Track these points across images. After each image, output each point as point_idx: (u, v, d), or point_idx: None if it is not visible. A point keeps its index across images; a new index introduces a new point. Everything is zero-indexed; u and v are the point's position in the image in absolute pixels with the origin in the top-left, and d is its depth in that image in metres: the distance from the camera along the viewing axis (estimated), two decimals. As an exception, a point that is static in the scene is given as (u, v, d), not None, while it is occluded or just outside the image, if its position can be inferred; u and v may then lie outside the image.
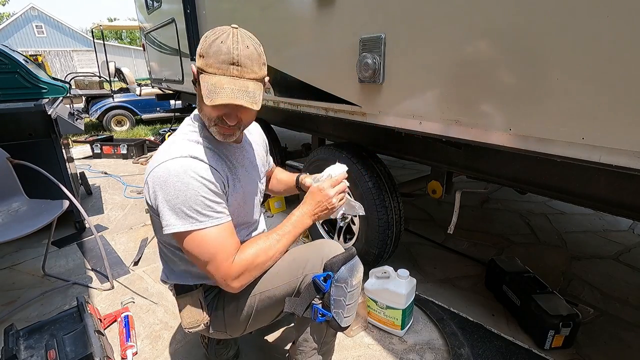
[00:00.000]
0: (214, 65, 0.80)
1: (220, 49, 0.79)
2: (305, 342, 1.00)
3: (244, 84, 0.81)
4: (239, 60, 0.80)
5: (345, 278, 0.92)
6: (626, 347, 1.40)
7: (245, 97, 0.80)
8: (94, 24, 9.33)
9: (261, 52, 0.85)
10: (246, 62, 0.81)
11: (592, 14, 0.74)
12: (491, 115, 0.98)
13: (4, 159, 1.82)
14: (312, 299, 0.93)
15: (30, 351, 1.24)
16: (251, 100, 0.81)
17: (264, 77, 0.87)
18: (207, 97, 0.79)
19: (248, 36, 0.84)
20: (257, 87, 0.83)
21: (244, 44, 0.81)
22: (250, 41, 0.83)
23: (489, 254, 2.01)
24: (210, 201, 0.85)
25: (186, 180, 0.83)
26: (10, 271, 2.01)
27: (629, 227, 2.38)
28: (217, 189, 0.88)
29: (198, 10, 2.56)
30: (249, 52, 0.81)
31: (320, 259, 0.94)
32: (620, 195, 1.00)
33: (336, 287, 0.91)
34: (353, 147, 1.75)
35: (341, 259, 0.93)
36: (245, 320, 1.02)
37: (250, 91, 0.81)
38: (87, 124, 6.68)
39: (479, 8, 0.94)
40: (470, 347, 1.36)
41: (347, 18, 1.37)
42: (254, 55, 0.82)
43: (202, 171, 0.86)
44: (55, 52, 22.47)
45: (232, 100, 0.78)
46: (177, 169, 0.84)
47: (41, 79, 2.31)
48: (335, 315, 0.92)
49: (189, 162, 0.85)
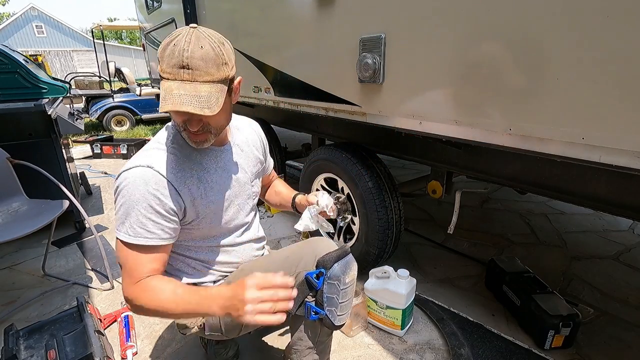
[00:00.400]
0: (166, 70, 0.76)
1: (172, 52, 0.75)
2: (300, 340, 0.99)
3: (195, 88, 0.76)
4: (189, 63, 0.75)
5: (338, 275, 0.91)
6: (626, 347, 1.40)
7: (195, 102, 0.74)
8: (94, 24, 9.32)
9: (221, 52, 0.78)
10: (198, 64, 0.75)
11: (592, 14, 0.74)
12: (491, 115, 0.98)
13: (4, 159, 1.82)
14: (305, 296, 0.92)
15: (30, 351, 1.24)
16: (202, 105, 0.75)
17: (226, 78, 0.80)
18: (160, 103, 0.76)
19: (206, 35, 0.78)
20: (215, 90, 0.78)
21: (198, 45, 0.75)
22: (207, 40, 0.77)
23: (489, 254, 2.01)
24: (146, 219, 0.83)
25: (132, 192, 0.82)
26: (10, 271, 2.01)
27: (629, 227, 2.38)
28: (163, 207, 0.84)
29: (198, 10, 2.56)
30: (203, 52, 0.76)
31: (313, 256, 0.94)
32: (620, 195, 1.01)
33: (329, 284, 0.90)
34: (353, 147, 1.75)
35: (334, 256, 0.92)
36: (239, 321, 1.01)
37: (203, 95, 0.76)
38: (87, 124, 6.68)
39: (479, 8, 0.94)
40: (470, 347, 1.36)
41: (347, 18, 1.37)
42: (209, 56, 0.76)
43: (152, 186, 0.83)
44: (55, 52, 22.47)
45: (176, 107, 0.74)
46: (130, 179, 0.83)
47: (41, 79, 2.31)
48: (328, 313, 0.92)
49: (143, 174, 0.83)
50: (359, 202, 1.68)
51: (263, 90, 2.03)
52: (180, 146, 0.91)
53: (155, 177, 0.84)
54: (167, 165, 0.87)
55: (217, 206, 0.96)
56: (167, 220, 0.86)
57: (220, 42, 0.80)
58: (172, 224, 0.87)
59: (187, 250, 1.01)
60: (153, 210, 0.83)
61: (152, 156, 0.88)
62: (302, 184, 2.09)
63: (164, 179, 0.85)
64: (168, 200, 0.85)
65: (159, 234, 0.85)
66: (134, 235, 0.83)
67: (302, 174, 2.08)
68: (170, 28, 3.13)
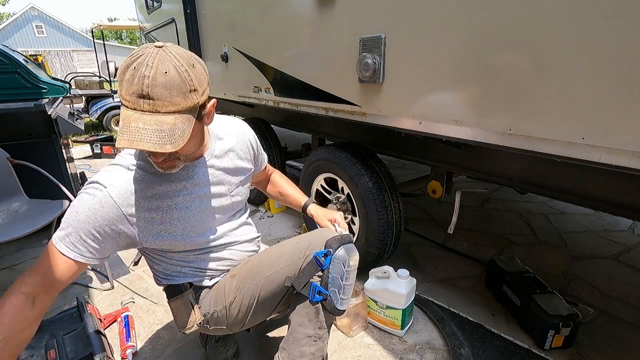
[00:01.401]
0: (125, 97, 0.69)
1: (132, 78, 0.67)
2: (300, 327, 0.98)
3: (157, 120, 0.68)
4: (149, 92, 0.67)
5: (344, 256, 0.95)
6: (626, 347, 1.40)
7: (155, 137, 0.67)
8: (94, 24, 9.33)
9: (188, 77, 0.70)
10: (160, 94, 0.68)
11: (592, 14, 0.74)
12: (491, 115, 0.98)
13: (4, 159, 1.82)
14: (312, 275, 0.94)
15: (30, 351, 1.24)
16: (164, 140, 0.68)
17: (194, 107, 0.73)
18: (118, 134, 0.69)
19: (173, 57, 0.70)
20: (181, 121, 0.71)
21: (162, 69, 0.68)
22: (172, 64, 0.69)
23: (489, 254, 2.01)
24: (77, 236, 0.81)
25: (80, 205, 0.81)
26: (10, 271, 2.01)
27: (629, 227, 2.38)
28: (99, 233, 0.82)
29: (198, 10, 2.56)
30: (167, 78, 0.68)
31: (322, 240, 0.98)
32: (620, 195, 1.01)
33: (334, 264, 0.93)
34: (353, 147, 1.75)
35: (339, 238, 0.97)
36: (246, 311, 1.02)
37: (165, 129, 0.68)
38: (87, 124, 6.67)
39: (479, 8, 0.94)
40: (470, 347, 1.36)
41: (347, 18, 1.37)
42: (174, 83, 0.68)
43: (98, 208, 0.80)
44: (55, 52, 22.47)
45: (132, 144, 0.67)
46: (83, 195, 0.83)
47: (41, 79, 2.31)
48: (331, 294, 0.94)
49: (95, 194, 0.81)
50: (359, 202, 1.68)
51: (263, 90, 2.03)
52: (148, 164, 0.87)
53: (105, 201, 0.81)
54: (125, 187, 0.84)
55: (186, 223, 0.93)
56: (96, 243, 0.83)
57: (190, 65, 0.72)
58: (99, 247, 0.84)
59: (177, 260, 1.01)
60: (88, 233, 0.81)
61: (113, 176, 0.85)
62: (302, 184, 2.09)
63: (114, 205, 0.82)
64: (109, 226, 0.82)
65: (81, 254, 0.82)
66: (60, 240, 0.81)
67: (302, 174, 2.08)
68: (170, 28, 3.13)
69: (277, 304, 1.03)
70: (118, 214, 0.83)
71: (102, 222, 0.82)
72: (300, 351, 0.98)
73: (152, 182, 0.87)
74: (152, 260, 1.04)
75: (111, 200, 0.82)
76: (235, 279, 1.04)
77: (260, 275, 1.00)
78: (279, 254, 1.02)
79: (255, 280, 1.00)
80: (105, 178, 0.84)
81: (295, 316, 0.99)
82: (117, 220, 0.83)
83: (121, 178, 0.85)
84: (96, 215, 0.81)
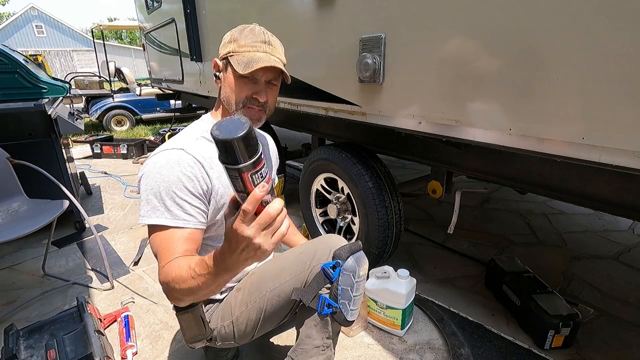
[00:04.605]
0: (247, 45, 0.87)
1: (253, 32, 0.88)
2: (308, 338, 0.97)
3: (276, 60, 0.89)
4: (270, 40, 0.89)
5: (353, 267, 0.92)
6: (626, 347, 1.40)
7: (280, 64, 0.88)
8: (94, 24, 9.33)
9: (282, 44, 0.96)
10: (276, 43, 0.92)
11: (592, 14, 0.74)
12: (491, 115, 0.98)
13: (4, 159, 1.82)
14: (321, 288, 0.92)
15: (30, 351, 1.24)
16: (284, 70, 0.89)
17: (284, 66, 0.93)
18: (244, 68, 0.84)
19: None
20: (283, 67, 0.91)
21: (270, 33, 0.92)
22: (272, 34, 0.93)
23: (489, 254, 2.01)
24: (183, 201, 0.83)
25: (164, 172, 0.82)
26: (10, 271, 2.01)
27: (629, 227, 2.38)
28: (195, 187, 0.85)
29: (198, 10, 2.56)
30: (275, 40, 0.92)
31: (328, 249, 0.95)
32: (620, 195, 1.00)
33: (344, 275, 0.91)
34: (353, 147, 1.75)
35: (348, 249, 0.94)
36: (254, 325, 1.01)
37: (281, 63, 0.90)
38: (87, 124, 6.68)
39: (479, 8, 0.94)
40: (470, 347, 1.36)
41: (347, 18, 1.37)
42: (279, 44, 0.94)
43: (184, 165, 0.84)
44: (55, 52, 22.48)
45: (271, 63, 0.85)
46: (160, 160, 0.84)
47: (41, 79, 2.31)
48: (342, 306, 0.92)
49: (174, 154, 0.85)
50: (359, 202, 1.68)
51: (263, 90, 2.02)
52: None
53: (187, 158, 0.85)
54: (197, 149, 0.88)
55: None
56: (201, 203, 0.87)
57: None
58: (204, 207, 0.88)
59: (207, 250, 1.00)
60: (188, 192, 0.83)
61: (184, 140, 0.90)
62: (302, 184, 2.09)
63: (196, 161, 0.86)
64: (201, 181, 0.86)
65: (196, 217, 0.85)
66: (172, 218, 0.81)
67: (302, 174, 2.08)
68: (170, 28, 3.13)
69: (284, 316, 1.02)
70: (202, 171, 0.87)
71: (196, 181, 0.84)
72: None
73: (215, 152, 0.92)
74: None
75: (194, 159, 0.86)
76: (240, 292, 1.02)
77: (265, 288, 0.98)
78: (283, 266, 0.99)
79: (261, 294, 0.98)
80: (175, 144, 0.88)
81: (304, 328, 0.97)
82: (205, 179, 0.87)
83: (191, 142, 0.90)
84: (189, 175, 0.83)
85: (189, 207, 0.84)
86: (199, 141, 0.92)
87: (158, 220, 0.81)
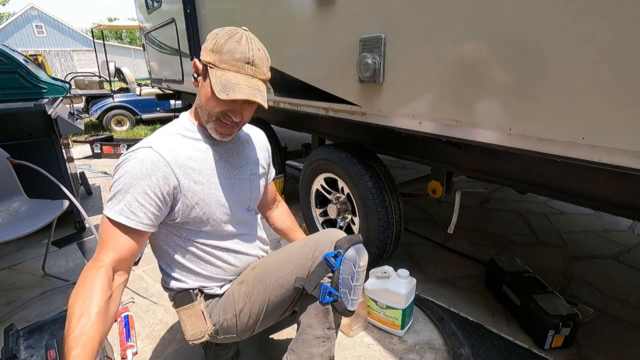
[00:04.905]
0: (229, 62, 0.83)
1: (236, 48, 0.83)
2: (309, 328, 0.98)
3: (257, 83, 0.86)
4: (253, 60, 0.84)
5: (354, 257, 0.95)
6: (626, 347, 1.40)
7: (259, 95, 0.85)
8: (94, 24, 9.33)
9: (268, 56, 0.90)
10: (259, 63, 0.86)
11: (592, 13, 0.74)
12: (491, 115, 0.98)
13: (4, 159, 1.82)
14: (323, 277, 0.94)
15: (30, 351, 1.24)
16: (263, 99, 0.86)
17: (268, 79, 0.92)
18: (221, 91, 0.81)
19: (257, 40, 0.88)
20: (265, 88, 0.89)
21: (256, 46, 0.86)
22: (259, 44, 0.88)
23: (489, 254, 2.01)
24: (134, 199, 0.83)
25: (126, 171, 0.83)
26: (10, 271, 2.01)
27: (629, 227, 2.38)
28: (152, 187, 0.84)
29: (198, 10, 2.56)
30: (260, 54, 0.87)
31: (330, 241, 0.98)
32: (620, 195, 1.01)
33: (345, 264, 0.94)
34: (353, 147, 1.75)
35: (348, 239, 0.97)
36: (256, 318, 1.02)
37: (262, 90, 0.86)
38: (87, 124, 6.68)
39: (479, 8, 0.94)
40: (470, 347, 1.36)
41: (347, 18, 1.37)
42: (264, 58, 0.88)
43: (147, 166, 0.84)
44: (55, 52, 22.48)
45: (250, 96, 0.82)
46: (127, 158, 0.85)
47: (41, 79, 2.31)
48: (342, 295, 0.94)
49: (140, 153, 0.85)
50: (359, 202, 1.68)
51: (263, 90, 2.03)
52: (190, 132, 0.95)
53: (152, 157, 0.85)
54: (169, 146, 0.89)
55: (216, 191, 0.97)
56: (152, 205, 0.85)
57: (265, 48, 0.90)
58: (156, 210, 0.87)
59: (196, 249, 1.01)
60: (142, 191, 0.83)
61: (155, 138, 0.90)
62: (302, 184, 2.09)
63: (160, 158, 0.86)
64: (161, 181, 0.85)
65: (140, 218, 0.84)
66: (117, 212, 0.82)
67: (302, 174, 2.08)
68: (170, 28, 3.13)
69: (287, 307, 1.03)
70: (168, 170, 0.87)
71: (155, 181, 0.85)
72: (309, 352, 0.98)
73: (192, 147, 0.94)
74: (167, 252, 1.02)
75: (160, 157, 0.86)
76: (243, 285, 1.03)
77: (269, 280, 0.99)
78: (287, 258, 1.02)
79: (265, 285, 0.99)
80: (148, 142, 0.88)
81: (305, 317, 0.99)
82: (168, 177, 0.87)
83: (164, 140, 0.91)
84: (149, 174, 0.84)
85: (136, 205, 0.83)
86: (172, 137, 0.93)
87: (106, 212, 0.84)
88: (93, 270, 0.79)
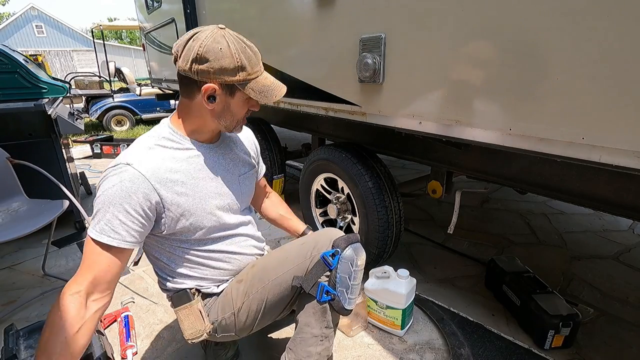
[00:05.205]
0: (255, 67, 0.88)
1: (253, 54, 0.88)
2: (307, 327, 0.98)
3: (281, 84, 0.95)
4: (256, 52, 0.90)
5: (352, 256, 0.96)
6: (627, 347, 1.40)
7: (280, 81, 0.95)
8: (94, 24, 9.33)
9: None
10: (257, 51, 0.91)
11: (592, 13, 0.74)
12: (491, 115, 0.98)
13: (4, 159, 1.82)
14: (320, 275, 0.94)
15: (30, 351, 1.23)
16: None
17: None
18: (264, 98, 0.88)
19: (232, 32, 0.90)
20: None
21: (242, 39, 0.89)
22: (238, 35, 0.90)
23: (489, 254, 2.01)
24: (114, 217, 0.82)
25: (106, 190, 0.82)
26: (10, 271, 2.01)
27: (629, 227, 2.38)
28: (133, 205, 0.83)
29: (198, 10, 2.56)
30: (243, 44, 0.88)
31: (328, 240, 0.98)
32: (620, 195, 1.01)
33: (343, 263, 0.94)
34: (353, 147, 1.75)
35: (346, 238, 0.98)
36: (255, 316, 1.02)
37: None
38: (87, 124, 6.68)
39: (479, 8, 0.94)
40: (470, 347, 1.36)
41: (347, 18, 1.37)
42: (249, 45, 0.90)
43: (126, 184, 0.82)
44: (55, 52, 22.49)
45: (283, 87, 0.93)
46: (107, 177, 0.84)
47: (41, 78, 2.31)
48: (339, 294, 0.94)
49: (118, 171, 0.84)
50: (359, 202, 1.68)
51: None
52: (171, 142, 0.93)
53: (130, 174, 0.83)
54: (148, 160, 0.87)
55: (204, 200, 0.96)
56: (134, 223, 0.84)
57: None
58: (139, 226, 0.85)
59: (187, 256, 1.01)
60: (122, 210, 0.82)
61: (134, 153, 0.88)
62: (302, 184, 2.09)
63: (139, 175, 0.84)
64: (141, 198, 0.83)
65: (123, 236, 0.83)
66: (99, 232, 0.82)
67: (302, 174, 2.08)
68: (170, 28, 3.13)
69: (285, 306, 1.03)
70: (148, 187, 0.85)
71: (136, 199, 0.83)
72: (307, 351, 0.98)
73: (173, 158, 0.92)
74: (159, 259, 1.02)
75: (139, 175, 0.84)
76: (242, 284, 1.03)
77: (267, 278, 0.99)
78: (285, 256, 1.02)
79: (263, 284, 0.99)
80: (126, 158, 0.86)
81: (303, 316, 0.99)
82: (149, 194, 0.85)
83: (143, 155, 0.88)
84: (129, 193, 0.82)
85: (117, 223, 0.82)
86: (152, 150, 0.90)
87: (89, 232, 0.83)
88: (67, 298, 0.79)
